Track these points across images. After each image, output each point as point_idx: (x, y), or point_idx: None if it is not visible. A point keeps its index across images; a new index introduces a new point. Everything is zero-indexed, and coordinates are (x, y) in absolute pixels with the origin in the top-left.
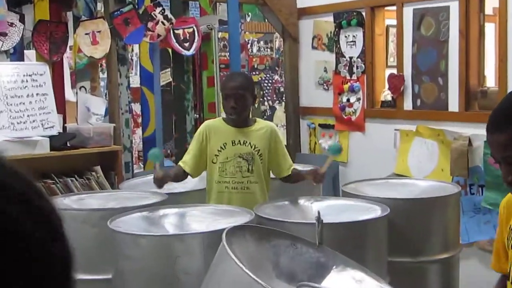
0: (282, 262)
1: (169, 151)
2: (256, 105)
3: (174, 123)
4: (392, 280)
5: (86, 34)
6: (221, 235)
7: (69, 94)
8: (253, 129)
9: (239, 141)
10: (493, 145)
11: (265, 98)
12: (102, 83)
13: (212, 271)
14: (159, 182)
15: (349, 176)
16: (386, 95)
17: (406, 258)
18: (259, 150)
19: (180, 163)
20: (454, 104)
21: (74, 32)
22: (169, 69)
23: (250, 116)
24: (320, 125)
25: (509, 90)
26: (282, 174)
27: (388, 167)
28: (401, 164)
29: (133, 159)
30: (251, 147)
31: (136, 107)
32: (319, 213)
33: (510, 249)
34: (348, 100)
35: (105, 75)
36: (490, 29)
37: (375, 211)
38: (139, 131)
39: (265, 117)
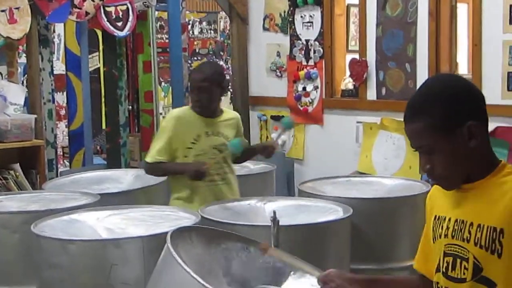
0: (234, 267)
1: (98, 147)
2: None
3: (105, 115)
4: None
5: (2, 11)
6: (163, 239)
7: None
8: (222, 119)
9: (212, 132)
10: (409, 135)
11: None
12: (20, 69)
13: (155, 278)
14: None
15: (306, 174)
16: (347, 83)
17: (371, 265)
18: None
19: (156, 158)
20: None
21: None
22: (97, 54)
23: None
24: (272, 117)
25: (483, 78)
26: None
27: (350, 164)
28: (365, 160)
29: (57, 156)
30: (224, 138)
31: (59, 97)
32: (275, 213)
33: (437, 239)
34: (304, 88)
35: (24, 59)
36: (463, 10)
37: (336, 213)
38: (62, 124)
39: None
